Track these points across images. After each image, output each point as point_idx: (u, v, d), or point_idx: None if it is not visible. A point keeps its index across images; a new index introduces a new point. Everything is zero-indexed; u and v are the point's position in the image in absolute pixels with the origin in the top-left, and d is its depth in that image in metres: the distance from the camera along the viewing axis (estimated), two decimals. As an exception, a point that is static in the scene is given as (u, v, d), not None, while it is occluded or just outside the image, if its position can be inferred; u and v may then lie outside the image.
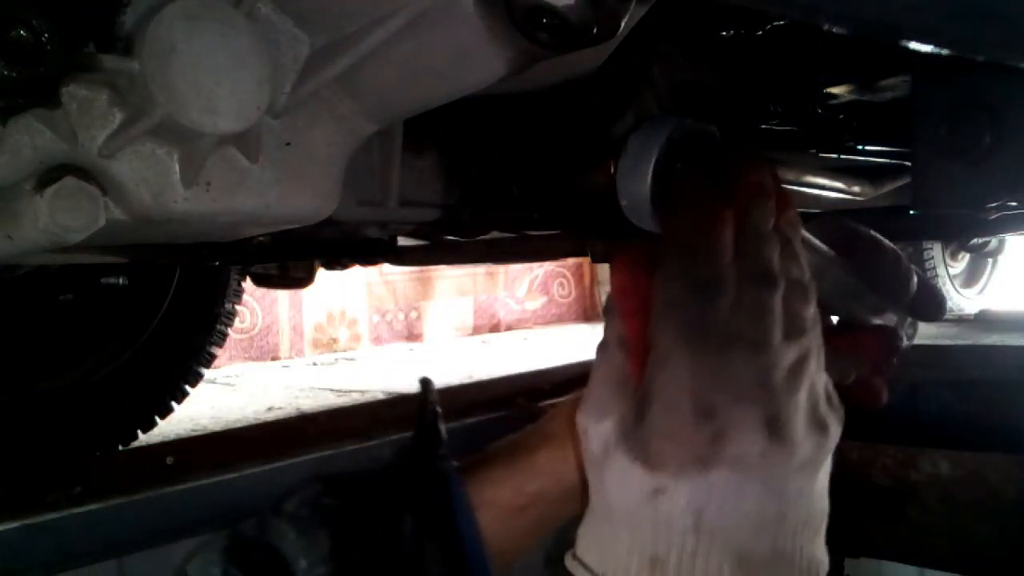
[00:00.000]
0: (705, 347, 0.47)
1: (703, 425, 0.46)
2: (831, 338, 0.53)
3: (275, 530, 0.67)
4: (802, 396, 0.47)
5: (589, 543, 0.52)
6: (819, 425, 0.48)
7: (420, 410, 0.72)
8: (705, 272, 0.47)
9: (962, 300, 3.78)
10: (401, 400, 2.16)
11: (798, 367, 0.48)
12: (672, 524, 0.47)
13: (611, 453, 0.49)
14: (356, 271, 2.37)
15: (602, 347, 0.54)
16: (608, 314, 0.54)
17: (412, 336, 3.85)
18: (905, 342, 0.66)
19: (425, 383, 0.74)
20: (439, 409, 0.72)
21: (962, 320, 3.05)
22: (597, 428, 0.50)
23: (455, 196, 0.90)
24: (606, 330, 0.54)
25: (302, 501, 0.68)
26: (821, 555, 0.50)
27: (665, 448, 0.46)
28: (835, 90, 1.08)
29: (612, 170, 0.62)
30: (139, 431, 1.69)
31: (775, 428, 0.46)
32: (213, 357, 1.81)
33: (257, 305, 3.30)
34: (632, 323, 0.51)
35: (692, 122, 0.64)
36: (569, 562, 0.52)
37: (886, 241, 0.64)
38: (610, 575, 0.49)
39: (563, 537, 0.60)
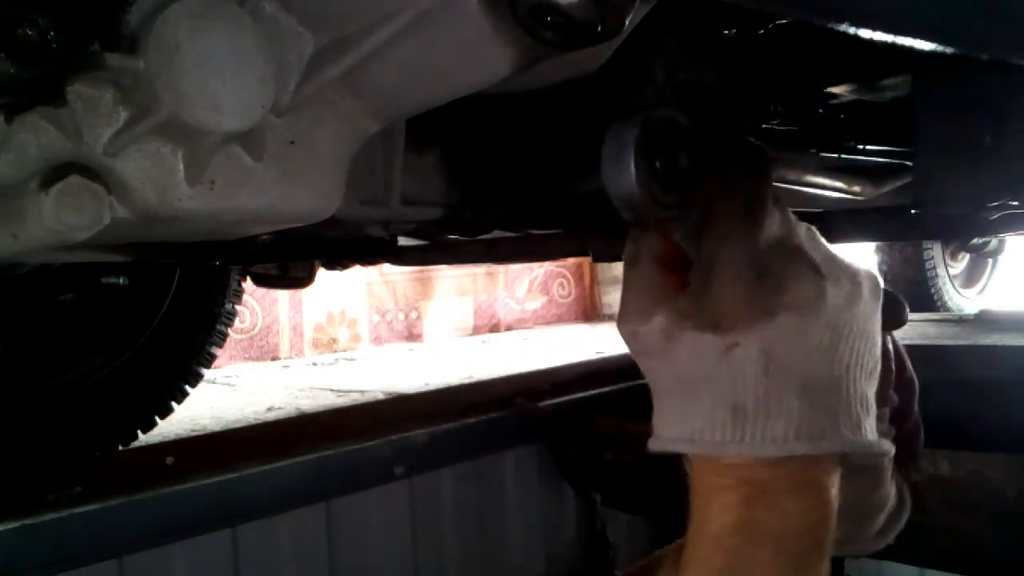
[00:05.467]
0: (756, 226, 0.59)
1: (764, 281, 0.56)
2: None
3: None
4: (829, 248, 0.60)
5: (667, 418, 0.60)
6: (849, 268, 0.60)
7: (591, 520, 0.74)
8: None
9: (962, 300, 3.78)
10: (401, 400, 2.16)
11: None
12: (747, 372, 0.55)
13: (677, 335, 0.58)
14: (356, 271, 2.37)
15: (632, 264, 0.63)
16: (636, 240, 0.64)
17: (412, 336, 3.85)
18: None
19: (594, 500, 0.77)
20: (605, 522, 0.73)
21: (962, 320, 3.04)
22: (649, 326, 0.59)
23: (457, 195, 0.90)
24: (636, 249, 0.64)
25: None
26: (870, 395, 0.58)
27: (734, 309, 0.56)
28: (835, 90, 1.08)
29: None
30: (139, 431, 1.69)
31: (821, 273, 0.57)
32: (213, 357, 1.81)
33: (257, 305, 3.30)
34: (668, 243, 0.63)
35: (658, 112, 0.65)
36: (655, 445, 0.59)
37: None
38: (697, 435, 0.57)
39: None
